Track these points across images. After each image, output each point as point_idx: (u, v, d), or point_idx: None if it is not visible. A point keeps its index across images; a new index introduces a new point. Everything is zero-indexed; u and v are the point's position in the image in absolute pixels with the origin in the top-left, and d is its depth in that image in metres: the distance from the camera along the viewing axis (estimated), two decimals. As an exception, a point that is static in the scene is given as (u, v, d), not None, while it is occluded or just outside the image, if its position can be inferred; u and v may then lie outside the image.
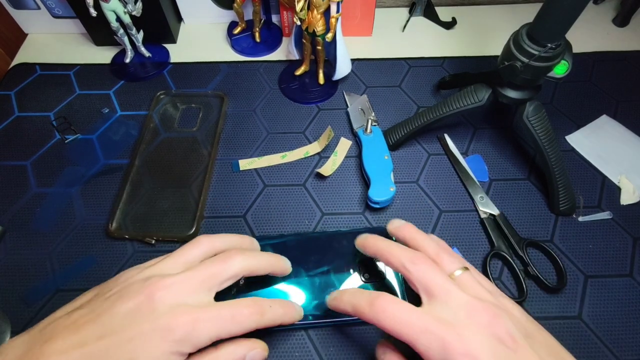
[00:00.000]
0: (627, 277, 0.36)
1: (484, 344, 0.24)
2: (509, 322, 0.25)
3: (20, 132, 0.45)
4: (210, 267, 0.28)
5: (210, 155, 0.43)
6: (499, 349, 0.24)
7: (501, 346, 0.24)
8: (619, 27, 0.56)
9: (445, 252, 0.29)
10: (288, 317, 0.29)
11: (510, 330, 0.25)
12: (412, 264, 0.27)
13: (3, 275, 0.37)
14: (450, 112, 0.39)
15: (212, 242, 0.30)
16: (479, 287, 0.27)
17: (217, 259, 0.28)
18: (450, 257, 0.28)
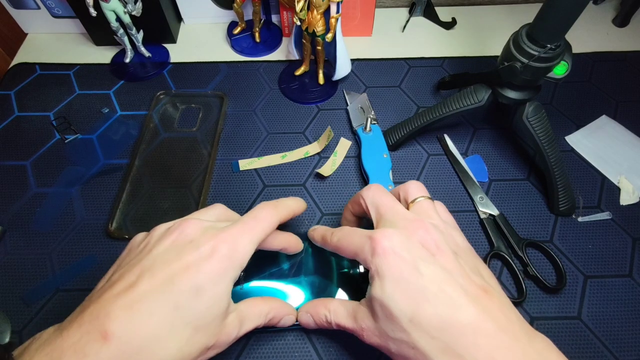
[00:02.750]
0: (626, 278, 0.36)
1: (406, 245, 0.26)
2: (440, 237, 0.27)
3: (20, 132, 0.45)
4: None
5: (210, 156, 0.43)
6: (420, 252, 0.26)
7: (422, 250, 0.26)
8: (619, 27, 0.56)
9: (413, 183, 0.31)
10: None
11: (438, 241, 0.27)
12: (366, 190, 0.31)
13: (3, 275, 0.37)
14: (450, 113, 0.39)
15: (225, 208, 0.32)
16: (434, 213, 0.29)
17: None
18: (416, 188, 0.30)
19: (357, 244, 0.28)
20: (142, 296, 0.24)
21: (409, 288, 0.25)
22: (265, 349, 0.33)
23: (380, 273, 0.26)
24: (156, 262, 0.25)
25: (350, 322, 0.28)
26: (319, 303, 0.31)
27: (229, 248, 0.26)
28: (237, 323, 0.27)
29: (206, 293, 0.25)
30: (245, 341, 0.33)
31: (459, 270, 0.26)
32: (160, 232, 0.28)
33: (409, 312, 0.24)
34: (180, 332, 0.24)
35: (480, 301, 0.24)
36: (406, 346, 0.25)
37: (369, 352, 0.33)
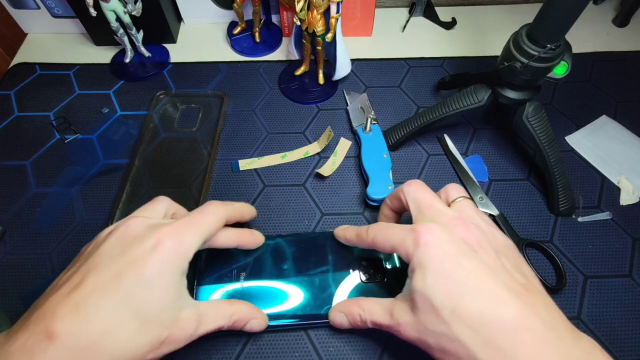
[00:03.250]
0: (626, 278, 0.36)
1: (449, 239, 0.26)
2: (482, 235, 0.27)
3: (20, 132, 0.45)
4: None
5: (210, 155, 0.43)
6: (462, 247, 0.26)
7: (465, 246, 0.26)
8: (619, 27, 0.56)
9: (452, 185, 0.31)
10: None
11: (480, 239, 0.27)
12: (407, 186, 0.31)
13: (3, 275, 0.37)
14: (450, 113, 0.39)
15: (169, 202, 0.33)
16: (474, 213, 0.29)
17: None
18: (456, 189, 0.31)
19: (397, 237, 0.28)
20: (89, 293, 0.24)
21: (451, 280, 0.25)
22: (265, 349, 0.33)
23: (422, 265, 0.26)
24: (102, 260, 0.26)
25: (386, 318, 0.28)
26: (352, 302, 0.31)
27: (174, 241, 0.26)
28: (195, 319, 0.27)
29: (153, 283, 0.25)
30: (245, 341, 0.33)
31: (500, 267, 0.26)
32: (106, 233, 0.28)
33: (451, 304, 0.24)
34: (129, 324, 0.24)
35: (523, 298, 0.24)
36: (446, 339, 0.25)
37: (369, 352, 0.33)
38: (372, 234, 0.30)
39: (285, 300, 0.34)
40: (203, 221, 0.29)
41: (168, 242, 0.26)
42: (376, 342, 0.33)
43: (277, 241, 0.37)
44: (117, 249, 0.26)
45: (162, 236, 0.26)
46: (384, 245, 0.29)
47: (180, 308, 0.27)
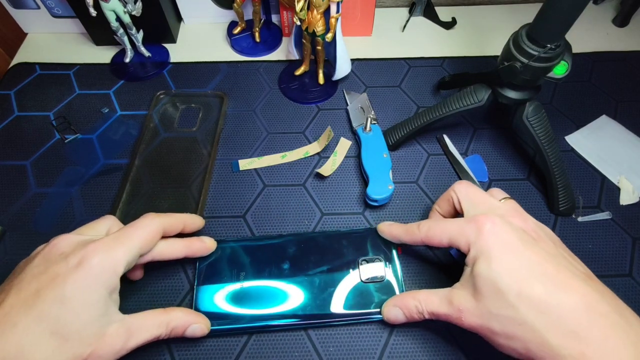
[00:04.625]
0: (626, 277, 0.36)
1: (510, 228, 0.27)
2: (539, 228, 0.29)
3: (19, 132, 0.45)
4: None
5: (210, 155, 0.43)
6: (523, 235, 0.27)
7: (525, 234, 0.27)
8: (619, 27, 0.56)
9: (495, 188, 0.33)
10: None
11: (538, 231, 0.28)
12: (458, 185, 0.32)
13: (3, 276, 0.36)
14: (450, 113, 0.39)
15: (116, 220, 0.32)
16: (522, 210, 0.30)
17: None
18: (500, 190, 0.32)
19: (455, 229, 0.29)
20: (7, 311, 0.24)
21: (516, 265, 0.26)
22: (265, 349, 0.33)
23: (485, 252, 0.26)
24: (25, 278, 0.26)
25: (444, 307, 0.28)
26: (406, 296, 0.31)
27: (101, 258, 0.27)
28: (123, 334, 0.27)
29: (72, 301, 0.25)
30: (245, 341, 0.33)
31: (561, 256, 0.27)
32: (36, 251, 0.28)
33: (517, 287, 0.25)
34: (47, 342, 0.24)
35: (590, 284, 0.25)
36: (513, 323, 0.25)
37: (369, 351, 0.33)
38: (425, 228, 0.31)
39: (285, 300, 0.34)
40: (134, 235, 0.29)
41: (94, 259, 0.26)
42: (376, 342, 0.33)
43: (277, 241, 0.37)
44: (40, 266, 0.26)
45: (88, 253, 0.26)
46: (440, 238, 0.30)
47: (106, 324, 0.26)
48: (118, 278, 0.27)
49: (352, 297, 0.34)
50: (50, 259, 0.27)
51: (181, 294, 0.35)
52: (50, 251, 0.27)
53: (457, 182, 0.32)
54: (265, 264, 0.35)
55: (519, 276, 0.25)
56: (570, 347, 0.23)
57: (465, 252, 0.28)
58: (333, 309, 0.33)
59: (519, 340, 0.25)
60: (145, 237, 0.29)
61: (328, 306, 0.33)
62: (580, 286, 0.24)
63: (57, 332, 0.24)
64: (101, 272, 0.26)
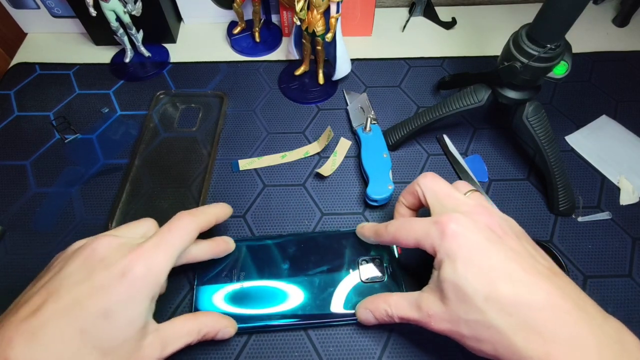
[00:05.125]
0: (626, 278, 0.36)
1: (475, 227, 0.26)
2: (503, 221, 0.28)
3: (19, 132, 0.45)
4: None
5: (210, 155, 0.43)
6: (488, 233, 0.26)
7: (490, 232, 0.26)
8: (619, 27, 0.56)
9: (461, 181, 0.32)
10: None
11: (503, 226, 0.27)
12: (422, 178, 0.31)
13: (3, 276, 0.37)
14: (449, 113, 0.39)
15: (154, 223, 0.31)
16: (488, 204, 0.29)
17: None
18: (466, 183, 0.31)
19: (420, 230, 0.28)
20: (47, 321, 0.23)
21: (482, 267, 0.25)
22: (264, 349, 0.33)
23: (450, 255, 0.26)
24: (63, 284, 0.24)
25: (414, 312, 0.28)
26: (377, 298, 0.31)
27: (143, 267, 0.25)
28: (158, 345, 0.26)
29: (116, 316, 0.24)
30: (245, 341, 0.33)
31: (526, 252, 0.26)
32: (73, 250, 0.27)
33: (484, 291, 0.24)
34: (87, 356, 0.23)
35: (553, 280, 0.25)
36: (481, 326, 0.25)
37: (369, 351, 0.33)
38: (392, 230, 0.30)
39: (285, 300, 0.34)
40: (173, 240, 0.28)
41: (137, 269, 0.25)
42: (376, 342, 0.33)
43: (277, 241, 0.37)
44: (81, 272, 0.25)
45: (131, 262, 0.25)
46: (407, 240, 0.29)
47: (143, 336, 0.26)
48: (160, 288, 0.27)
49: (352, 297, 0.34)
50: (91, 265, 0.25)
51: (181, 294, 0.35)
52: (90, 256, 0.26)
53: (421, 174, 0.31)
54: (265, 264, 0.35)
55: (485, 279, 0.25)
56: (535, 347, 0.23)
57: (432, 254, 0.28)
58: (333, 309, 0.33)
59: (488, 342, 0.25)
60: (183, 242, 0.28)
61: (328, 306, 0.33)
62: (545, 284, 0.24)
63: (98, 347, 0.24)
64: (145, 283, 0.25)
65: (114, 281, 0.24)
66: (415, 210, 0.34)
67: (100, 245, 0.26)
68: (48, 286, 0.25)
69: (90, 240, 0.27)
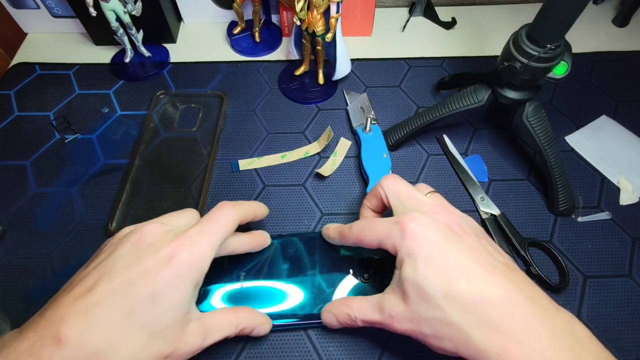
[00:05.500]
0: (626, 278, 0.36)
1: (434, 226, 0.27)
2: (463, 221, 0.29)
3: (19, 132, 0.45)
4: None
5: (210, 155, 0.43)
6: (447, 232, 0.27)
7: (449, 231, 0.27)
8: (619, 27, 0.56)
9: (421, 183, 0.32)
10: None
11: (462, 224, 0.28)
12: (384, 180, 0.31)
13: (3, 275, 0.37)
14: (449, 113, 0.39)
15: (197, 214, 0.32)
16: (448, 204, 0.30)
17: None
18: (426, 185, 0.32)
19: (381, 231, 0.28)
20: (98, 301, 0.24)
21: (441, 266, 0.25)
22: (264, 349, 0.33)
23: (410, 254, 0.26)
24: (115, 266, 0.25)
25: (376, 314, 0.28)
26: (340, 302, 0.31)
27: (188, 253, 0.26)
28: (200, 333, 0.27)
29: (163, 299, 0.25)
30: (245, 341, 0.33)
31: (483, 250, 0.27)
32: (122, 235, 0.28)
33: (443, 289, 0.25)
34: (134, 337, 0.24)
35: (508, 275, 0.25)
36: (441, 324, 0.25)
37: (369, 351, 0.33)
38: (356, 231, 0.30)
39: (284, 300, 0.34)
40: (216, 229, 0.28)
41: (183, 255, 0.26)
42: (376, 342, 0.33)
43: (277, 241, 0.37)
44: (131, 255, 0.26)
45: (176, 248, 0.26)
46: (370, 241, 0.29)
47: (187, 322, 0.26)
48: (203, 275, 0.27)
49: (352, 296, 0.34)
50: (139, 248, 0.26)
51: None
52: (138, 240, 0.26)
53: (384, 176, 0.32)
54: (265, 264, 0.35)
55: (444, 277, 0.25)
56: (492, 342, 0.23)
57: (394, 254, 0.28)
58: (333, 309, 0.33)
59: (448, 340, 0.25)
60: (225, 231, 0.29)
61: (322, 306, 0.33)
62: (501, 280, 0.25)
63: (146, 329, 0.24)
64: (190, 269, 0.26)
65: (160, 265, 0.25)
66: (380, 213, 0.34)
67: (148, 231, 0.27)
68: (100, 268, 0.25)
69: (138, 226, 0.28)
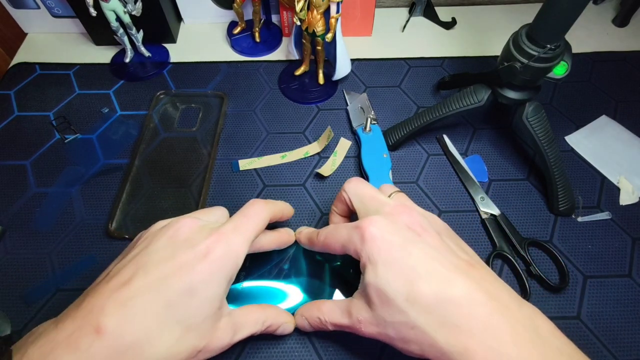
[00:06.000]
0: (626, 278, 0.36)
1: (393, 228, 0.27)
2: (423, 219, 0.28)
3: (19, 132, 0.45)
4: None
5: (210, 155, 0.43)
6: (407, 233, 0.27)
7: (409, 231, 0.27)
8: (619, 27, 0.56)
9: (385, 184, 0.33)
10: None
11: (422, 223, 0.28)
12: (347, 184, 0.31)
13: (3, 275, 0.37)
14: (449, 113, 0.39)
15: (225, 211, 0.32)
16: (411, 203, 0.30)
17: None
18: (390, 186, 0.32)
19: (344, 236, 0.28)
20: (136, 293, 0.24)
21: (401, 268, 0.25)
22: (265, 349, 0.33)
23: (371, 259, 0.26)
24: (151, 259, 0.25)
25: (345, 318, 0.28)
26: (311, 306, 0.31)
27: (224, 249, 0.26)
28: (230, 329, 0.27)
29: (199, 293, 0.25)
30: (245, 342, 0.33)
31: (445, 248, 0.27)
32: (157, 229, 0.28)
33: (404, 292, 0.25)
34: (171, 330, 0.24)
35: (470, 274, 0.25)
36: (405, 327, 0.25)
37: (369, 352, 0.33)
38: (322, 237, 0.31)
39: (284, 300, 0.34)
40: (249, 225, 0.29)
41: (218, 250, 0.26)
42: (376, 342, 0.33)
43: None
44: (167, 249, 0.26)
45: (212, 243, 0.26)
46: (335, 246, 0.29)
47: (219, 317, 0.27)
48: (237, 270, 0.27)
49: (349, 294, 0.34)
50: (176, 243, 0.26)
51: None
52: (175, 234, 0.27)
53: (347, 180, 0.32)
54: (265, 264, 0.35)
55: (404, 280, 0.25)
56: (454, 342, 0.23)
57: (357, 259, 0.28)
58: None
59: (414, 343, 0.25)
60: (257, 227, 0.29)
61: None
62: (462, 278, 0.25)
63: (182, 322, 0.24)
64: (225, 264, 0.26)
65: (197, 260, 0.25)
66: (348, 217, 0.34)
67: (184, 226, 0.27)
68: (137, 261, 0.26)
69: (173, 220, 0.28)
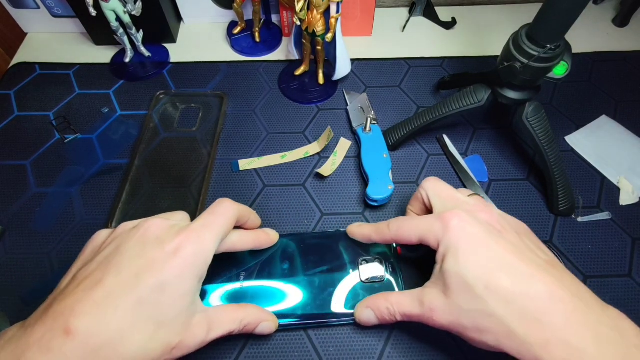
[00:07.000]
0: (626, 278, 0.36)
1: (476, 222, 0.28)
2: (502, 219, 0.29)
3: (19, 132, 0.45)
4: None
5: (210, 155, 0.43)
6: (489, 228, 0.28)
7: (490, 227, 0.28)
8: (619, 27, 0.56)
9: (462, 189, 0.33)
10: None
11: (502, 222, 0.29)
12: (425, 182, 0.33)
13: (3, 275, 0.37)
14: (449, 113, 0.39)
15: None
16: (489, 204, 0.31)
17: None
18: (466, 190, 0.33)
19: (423, 227, 0.29)
20: (109, 292, 0.24)
21: (483, 258, 0.26)
22: (264, 349, 0.33)
23: (453, 247, 0.27)
24: (123, 259, 0.26)
25: (416, 307, 0.28)
26: (378, 297, 0.31)
27: (194, 246, 0.27)
28: (205, 325, 0.27)
29: (170, 289, 0.25)
30: (245, 341, 0.33)
31: (524, 246, 0.27)
32: (126, 229, 0.28)
33: (484, 280, 0.25)
34: (144, 327, 0.24)
35: (550, 272, 0.26)
36: (482, 316, 0.25)
37: (369, 351, 0.33)
38: (395, 227, 0.31)
39: (284, 300, 0.34)
40: (218, 223, 0.29)
41: (189, 247, 0.26)
42: (376, 342, 0.33)
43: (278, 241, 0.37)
44: (137, 249, 0.26)
45: (183, 240, 0.26)
46: (409, 236, 0.30)
47: (192, 314, 0.27)
48: (207, 267, 0.28)
49: (352, 297, 0.34)
50: (146, 242, 0.27)
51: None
52: (145, 234, 0.27)
53: (425, 179, 0.33)
54: (265, 264, 0.35)
55: (485, 269, 0.26)
56: (534, 334, 0.24)
57: (435, 249, 0.29)
58: (333, 309, 0.33)
59: (490, 333, 0.25)
60: (226, 225, 0.30)
61: (328, 306, 0.33)
62: (543, 275, 0.25)
63: (154, 318, 0.25)
64: (195, 261, 0.27)
65: (168, 257, 0.26)
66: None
67: (153, 225, 0.28)
68: (108, 261, 0.26)
69: (142, 221, 0.28)
